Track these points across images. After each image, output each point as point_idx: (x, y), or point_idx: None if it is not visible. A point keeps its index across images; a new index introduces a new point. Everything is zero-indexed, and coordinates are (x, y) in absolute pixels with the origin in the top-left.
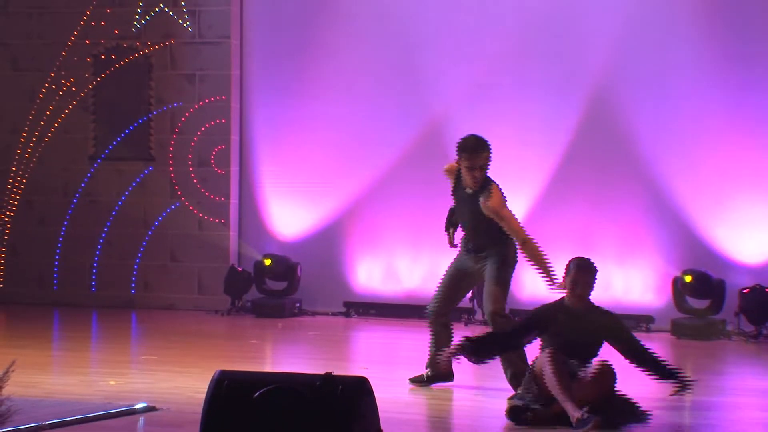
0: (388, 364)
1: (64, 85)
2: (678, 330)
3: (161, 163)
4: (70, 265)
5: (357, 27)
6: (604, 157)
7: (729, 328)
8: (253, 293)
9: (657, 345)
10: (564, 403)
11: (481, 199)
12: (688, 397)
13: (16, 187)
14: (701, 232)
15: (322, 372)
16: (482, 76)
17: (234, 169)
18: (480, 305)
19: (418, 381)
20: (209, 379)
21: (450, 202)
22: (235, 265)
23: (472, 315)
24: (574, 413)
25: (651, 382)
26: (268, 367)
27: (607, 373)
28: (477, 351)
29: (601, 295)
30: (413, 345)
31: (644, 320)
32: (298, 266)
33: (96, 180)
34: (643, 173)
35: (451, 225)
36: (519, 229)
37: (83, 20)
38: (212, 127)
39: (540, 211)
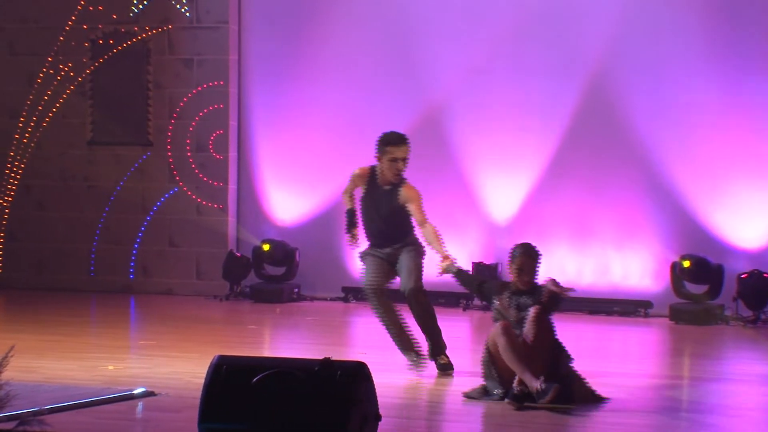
0: (386, 349)
1: (62, 69)
2: (676, 315)
3: (159, 148)
4: (68, 250)
5: (355, 12)
6: (602, 142)
7: (727, 313)
8: (251, 278)
9: (655, 330)
10: (522, 374)
11: (402, 189)
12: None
13: (14, 172)
14: (699, 217)
15: (320, 357)
16: (480, 62)
17: (232, 154)
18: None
19: (444, 368)
20: (208, 364)
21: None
22: (234, 251)
23: (470, 301)
24: (533, 384)
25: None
26: (267, 352)
27: (540, 315)
28: (465, 281)
29: (599, 280)
30: (416, 327)
31: (642, 305)
32: (296, 251)
33: (94, 165)
34: (641, 158)
35: (353, 225)
36: (425, 213)
37: (81, 4)
38: (210, 112)
39: (538, 196)
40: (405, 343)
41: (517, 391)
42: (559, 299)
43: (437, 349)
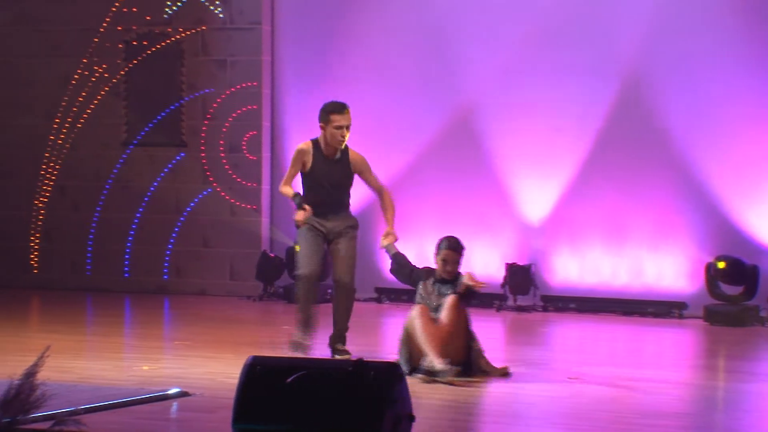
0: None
1: (97, 71)
2: (711, 316)
3: (193, 149)
4: (103, 251)
5: (388, 12)
6: (637, 142)
7: (762, 314)
8: (284, 279)
9: (690, 332)
10: (428, 354)
11: (352, 157)
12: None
13: (49, 173)
14: (734, 217)
15: (354, 358)
16: (514, 61)
17: (265, 154)
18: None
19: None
20: (242, 365)
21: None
22: (267, 251)
23: (503, 301)
24: (437, 362)
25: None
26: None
27: (456, 303)
28: (400, 264)
29: (633, 281)
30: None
31: (677, 306)
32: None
33: (128, 166)
34: (676, 158)
35: (304, 201)
36: (383, 183)
37: (115, 6)
38: (244, 113)
39: (571, 196)
40: (307, 324)
41: (425, 368)
42: (473, 292)
43: (340, 338)
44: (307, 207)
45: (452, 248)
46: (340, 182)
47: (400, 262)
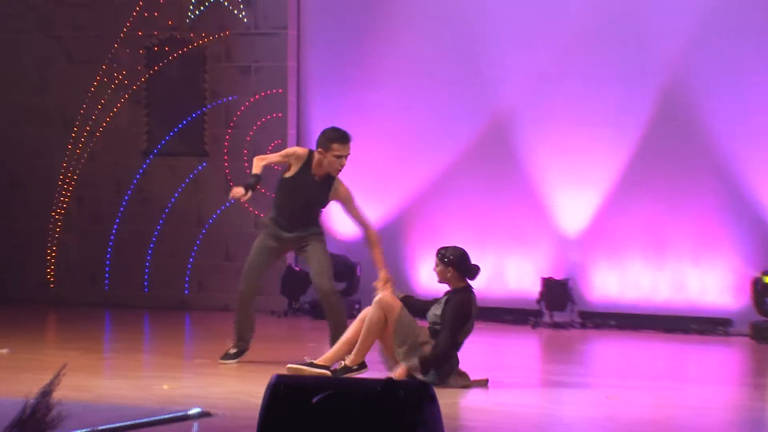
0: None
1: (116, 78)
2: (758, 334)
3: (216, 159)
4: (121, 265)
5: (418, 15)
6: (678, 151)
7: None
8: (310, 294)
9: (736, 350)
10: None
11: (337, 185)
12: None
13: (67, 183)
14: None
15: (383, 376)
16: (549, 67)
17: None
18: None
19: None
20: (265, 384)
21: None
22: (292, 265)
23: (539, 318)
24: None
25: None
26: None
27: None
28: (416, 308)
29: (675, 296)
30: (485, 348)
31: (721, 323)
32: (357, 266)
33: (149, 176)
34: (719, 168)
35: (253, 189)
36: (367, 217)
37: (136, 11)
38: (268, 121)
39: (610, 208)
40: (242, 336)
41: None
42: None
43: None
44: (249, 194)
45: (436, 256)
46: (315, 203)
47: (414, 306)
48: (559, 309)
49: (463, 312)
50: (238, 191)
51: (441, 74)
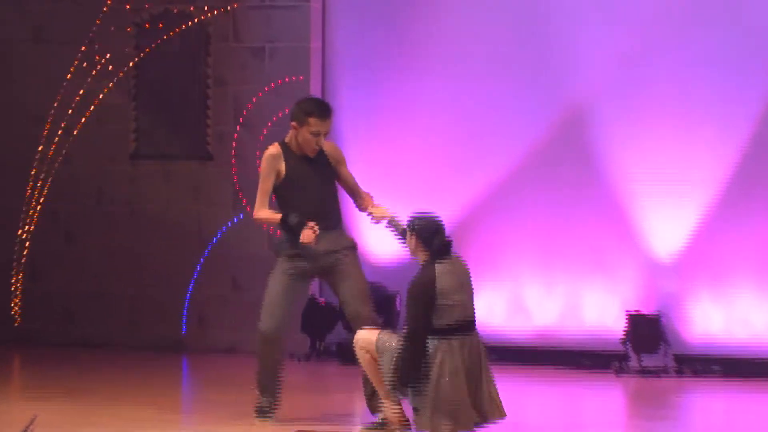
0: (517, 425)
1: (99, 62)
2: None
3: (221, 163)
4: (103, 295)
5: None
6: None
7: None
8: (338, 332)
9: None
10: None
11: (327, 150)
12: None
13: (37, 193)
14: None
15: None
16: (634, 49)
17: None
18: (342, 304)
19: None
20: None
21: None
22: (316, 296)
23: (624, 362)
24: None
25: None
26: (358, 429)
27: None
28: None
29: None
30: (557, 400)
31: None
32: (396, 297)
33: (138, 184)
34: None
35: (298, 216)
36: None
37: None
38: (286, 116)
39: (714, 224)
40: (270, 384)
41: None
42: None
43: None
44: (310, 223)
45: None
46: (324, 183)
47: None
48: (649, 351)
49: (420, 292)
50: (308, 235)
51: (499, 57)
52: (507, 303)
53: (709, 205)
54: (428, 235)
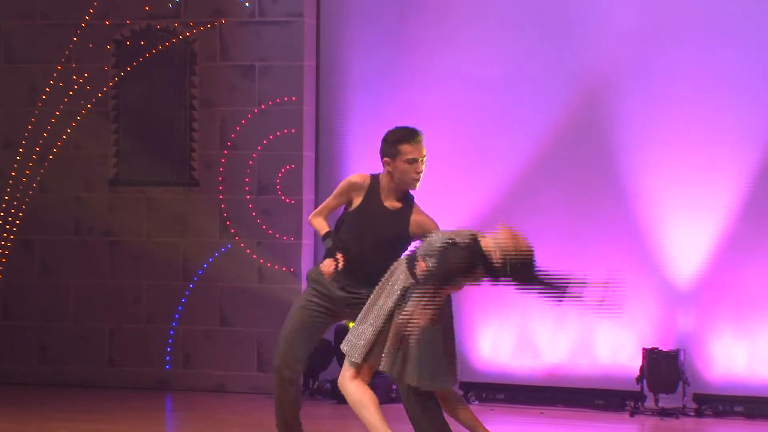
0: None
1: (76, 81)
2: None
3: (208, 190)
4: (80, 331)
5: None
6: None
7: None
8: (334, 369)
9: None
10: None
11: (416, 215)
12: None
13: (9, 222)
14: None
15: None
16: (663, 25)
17: (307, 197)
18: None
19: None
20: None
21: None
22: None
23: (640, 402)
24: None
25: None
26: None
27: None
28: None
29: None
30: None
31: None
32: None
33: (118, 213)
34: None
35: (335, 252)
36: None
37: None
38: (278, 139)
39: (738, 253)
40: (285, 427)
41: None
42: None
43: None
44: (340, 256)
45: None
46: (388, 242)
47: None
48: (666, 391)
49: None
50: (329, 265)
51: (508, 52)
52: (514, 338)
53: (733, 232)
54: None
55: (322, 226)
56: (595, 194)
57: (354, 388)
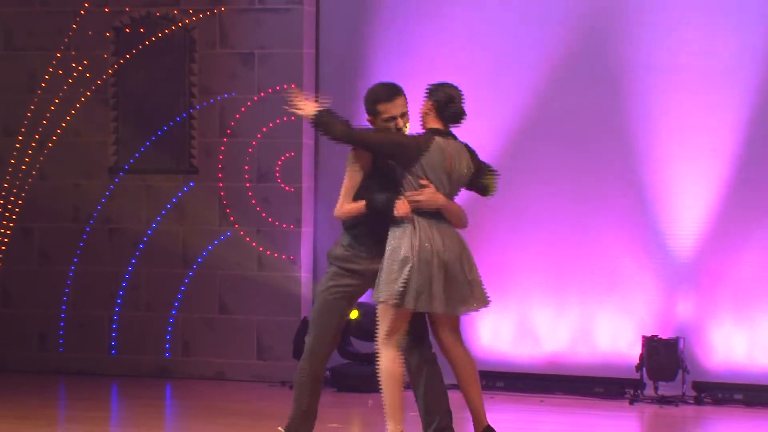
0: None
1: (75, 69)
2: None
3: (207, 178)
4: (81, 319)
5: None
6: None
7: None
8: (333, 358)
9: None
10: None
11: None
12: None
13: (9, 210)
14: None
15: None
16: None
17: (307, 184)
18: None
19: None
20: None
21: None
22: (309, 319)
23: (640, 390)
24: None
25: None
26: None
27: None
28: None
29: None
30: (559, 429)
31: None
32: None
33: (118, 201)
34: None
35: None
36: None
37: None
38: (277, 126)
39: (739, 240)
40: (305, 418)
41: None
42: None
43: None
44: (402, 197)
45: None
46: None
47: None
48: (666, 378)
49: (409, 142)
50: (405, 206)
51: (516, 39)
52: (515, 327)
53: (733, 220)
54: (444, 100)
55: (354, 205)
56: (597, 195)
57: (386, 361)
